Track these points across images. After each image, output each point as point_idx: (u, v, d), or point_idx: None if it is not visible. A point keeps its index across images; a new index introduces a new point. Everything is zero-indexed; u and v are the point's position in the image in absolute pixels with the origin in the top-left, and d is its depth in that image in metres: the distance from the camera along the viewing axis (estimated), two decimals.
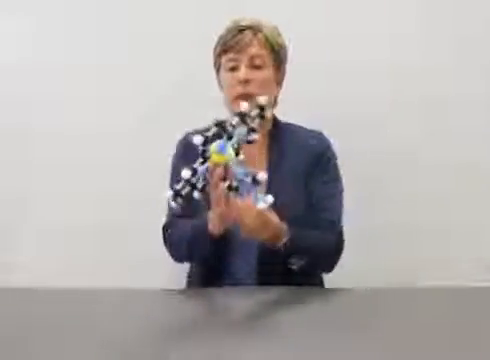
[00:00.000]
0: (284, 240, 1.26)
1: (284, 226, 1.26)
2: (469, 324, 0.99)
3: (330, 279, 1.44)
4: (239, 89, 1.36)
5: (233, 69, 1.37)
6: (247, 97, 1.34)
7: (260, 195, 1.07)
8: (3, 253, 1.89)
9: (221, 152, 1.06)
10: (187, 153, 1.36)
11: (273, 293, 1.15)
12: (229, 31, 1.38)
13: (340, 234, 1.39)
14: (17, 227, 1.93)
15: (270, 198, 1.06)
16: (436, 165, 1.82)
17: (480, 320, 1.02)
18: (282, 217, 1.25)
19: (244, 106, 1.08)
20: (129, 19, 1.86)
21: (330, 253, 1.38)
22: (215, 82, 1.47)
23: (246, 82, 1.35)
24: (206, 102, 1.51)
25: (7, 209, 1.92)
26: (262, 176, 1.07)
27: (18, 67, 1.90)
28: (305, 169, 1.40)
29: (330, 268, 1.39)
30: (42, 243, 1.90)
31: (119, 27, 1.86)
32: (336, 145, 1.47)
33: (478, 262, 1.76)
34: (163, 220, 1.46)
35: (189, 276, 1.48)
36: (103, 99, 1.88)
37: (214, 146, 1.07)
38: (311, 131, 1.47)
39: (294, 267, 1.29)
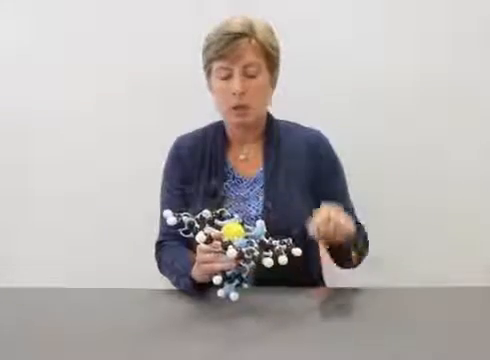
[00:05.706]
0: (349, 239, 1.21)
1: (352, 228, 1.20)
2: (469, 324, 0.99)
3: (330, 279, 1.43)
4: (234, 101, 1.30)
5: (226, 78, 1.31)
6: (242, 108, 1.31)
7: (230, 286, 1.07)
8: (3, 253, 1.90)
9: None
10: (176, 164, 1.40)
11: (272, 293, 1.15)
12: (221, 37, 1.29)
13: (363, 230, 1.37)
14: (17, 227, 1.93)
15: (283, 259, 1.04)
16: (432, 165, 1.82)
17: (480, 320, 1.02)
18: (281, 218, 1.24)
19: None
20: (129, 19, 1.86)
21: (367, 246, 1.36)
22: None
23: (241, 93, 1.30)
24: (205, 102, 1.51)
25: (7, 209, 1.92)
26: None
27: (18, 67, 1.90)
28: (306, 170, 1.36)
29: (361, 262, 1.35)
30: (42, 243, 1.90)
31: (119, 27, 1.86)
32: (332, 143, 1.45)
33: (477, 262, 1.76)
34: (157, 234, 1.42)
35: None
36: (103, 99, 1.88)
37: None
38: (310, 130, 1.42)
39: (353, 255, 1.26)
